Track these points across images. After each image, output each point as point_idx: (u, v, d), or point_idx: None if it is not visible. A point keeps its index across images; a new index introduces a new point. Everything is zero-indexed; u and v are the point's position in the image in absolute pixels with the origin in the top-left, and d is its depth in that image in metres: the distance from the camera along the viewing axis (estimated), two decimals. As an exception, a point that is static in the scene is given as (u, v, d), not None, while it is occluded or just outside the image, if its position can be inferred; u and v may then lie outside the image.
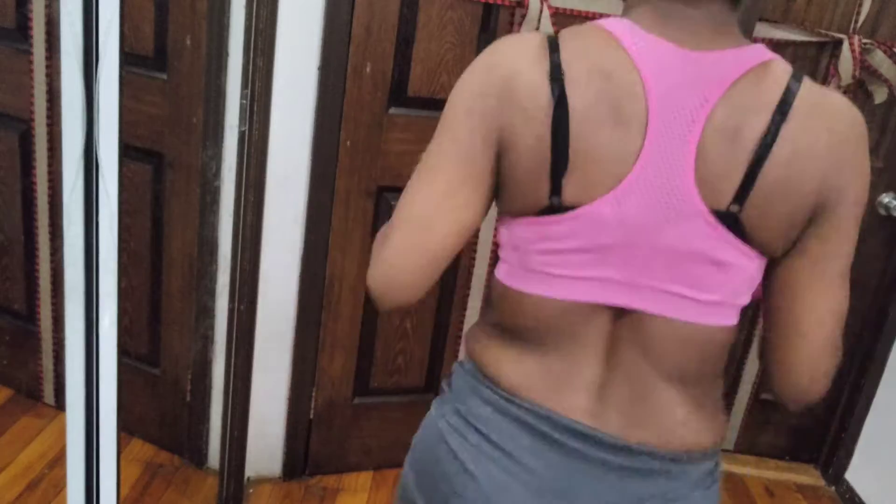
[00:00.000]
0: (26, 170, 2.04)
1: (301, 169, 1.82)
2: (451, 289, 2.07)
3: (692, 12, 0.76)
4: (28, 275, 2.14)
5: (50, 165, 2.01)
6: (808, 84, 0.75)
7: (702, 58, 0.75)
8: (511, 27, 1.81)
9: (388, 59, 1.79)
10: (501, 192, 0.82)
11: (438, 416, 0.91)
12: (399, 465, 2.44)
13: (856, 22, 1.97)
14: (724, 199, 0.74)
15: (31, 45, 1.91)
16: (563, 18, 1.81)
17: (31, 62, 1.93)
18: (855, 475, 2.39)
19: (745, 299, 0.82)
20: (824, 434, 2.47)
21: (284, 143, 1.77)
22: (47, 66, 1.92)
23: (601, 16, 1.84)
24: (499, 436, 0.84)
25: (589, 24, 0.79)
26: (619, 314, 0.81)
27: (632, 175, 0.74)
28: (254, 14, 1.59)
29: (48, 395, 2.23)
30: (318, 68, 1.74)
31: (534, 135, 0.76)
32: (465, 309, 2.09)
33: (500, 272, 0.87)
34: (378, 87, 1.80)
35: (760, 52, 0.76)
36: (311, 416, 2.08)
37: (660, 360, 0.81)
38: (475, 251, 2.03)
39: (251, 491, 2.04)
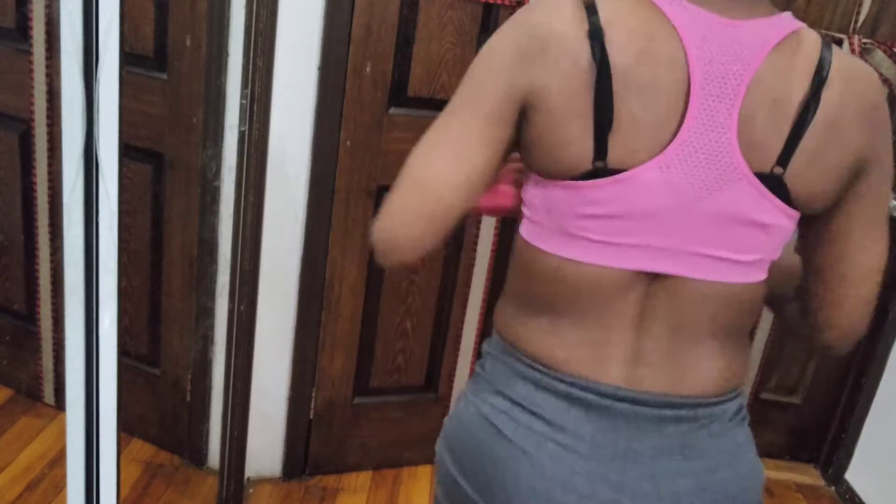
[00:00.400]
0: (26, 170, 2.04)
1: (301, 169, 1.82)
2: (451, 288, 2.07)
3: None
4: (28, 275, 2.14)
5: (50, 165, 2.01)
6: (837, 51, 0.78)
7: (739, 25, 0.76)
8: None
9: (388, 59, 1.79)
10: (533, 152, 0.80)
11: (479, 401, 0.89)
12: (399, 464, 2.44)
13: (856, 22, 1.97)
14: (769, 162, 0.76)
15: (31, 45, 1.91)
16: (563, 18, 1.81)
17: (31, 62, 1.93)
18: (855, 475, 2.39)
19: (778, 254, 0.85)
20: (824, 434, 2.47)
21: (284, 143, 1.77)
22: (47, 66, 1.92)
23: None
24: (546, 411, 0.84)
25: None
26: (656, 279, 0.81)
27: (677, 140, 0.75)
28: (254, 14, 1.59)
29: (48, 395, 2.23)
30: (318, 68, 1.74)
31: (570, 94, 0.75)
32: (465, 308, 2.09)
33: (530, 234, 0.85)
34: (378, 87, 1.80)
35: (791, 21, 0.78)
36: (311, 416, 2.08)
37: (697, 321, 0.83)
38: (475, 250, 2.03)
39: (251, 491, 2.04)
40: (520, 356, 0.87)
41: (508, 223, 1.99)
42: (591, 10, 0.76)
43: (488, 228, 2.01)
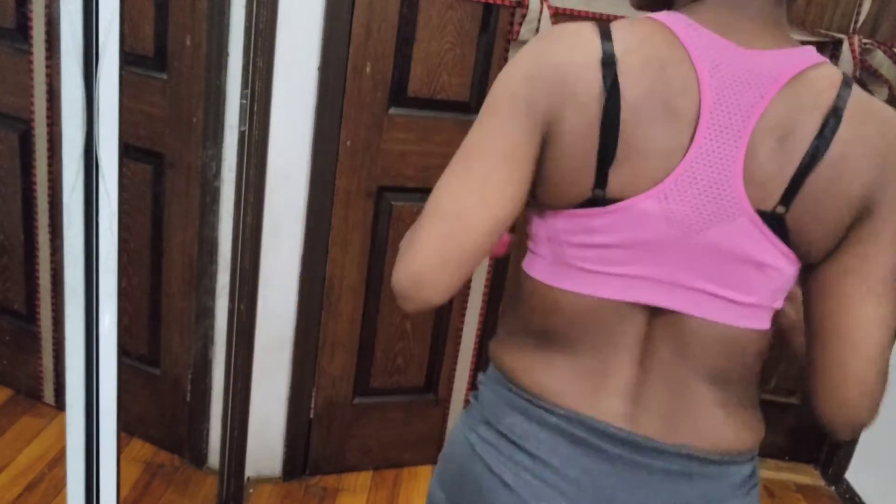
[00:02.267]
0: (26, 170, 2.04)
1: (301, 169, 1.82)
2: (451, 289, 2.06)
3: (745, 8, 0.75)
4: (28, 275, 2.14)
5: (50, 165, 2.01)
6: (857, 90, 0.75)
7: (756, 56, 0.74)
8: (511, 27, 1.81)
9: (388, 59, 1.79)
10: (542, 183, 0.78)
11: (468, 430, 0.88)
12: (399, 465, 2.44)
13: (856, 22, 1.97)
14: (771, 200, 0.73)
15: (31, 45, 1.91)
16: (564, 18, 1.81)
17: (31, 62, 1.93)
18: (855, 475, 2.39)
19: (780, 303, 0.81)
20: (824, 434, 2.47)
21: (284, 143, 1.77)
22: (47, 66, 1.92)
23: (601, 16, 1.84)
24: (534, 445, 0.82)
25: (642, 16, 0.78)
26: (655, 314, 0.79)
27: (679, 170, 0.73)
28: (254, 14, 1.59)
29: (48, 395, 2.23)
30: (318, 68, 1.74)
31: (583, 123, 0.73)
32: (464, 309, 2.09)
33: (531, 267, 0.84)
34: (378, 87, 1.80)
35: (812, 54, 0.75)
36: (311, 416, 2.08)
37: (696, 362, 0.80)
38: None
39: (251, 491, 2.04)
40: (512, 387, 0.85)
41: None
42: (605, 36, 0.74)
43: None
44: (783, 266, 0.77)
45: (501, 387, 0.86)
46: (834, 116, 0.72)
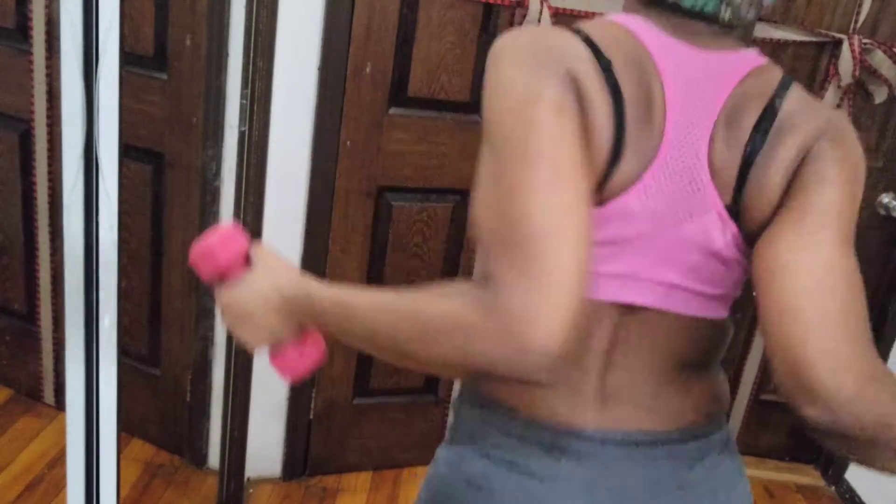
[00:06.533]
0: (26, 170, 2.04)
1: (301, 169, 1.82)
2: (451, 289, 2.06)
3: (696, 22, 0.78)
4: (28, 275, 2.14)
5: (50, 165, 2.01)
6: (797, 86, 0.79)
7: (711, 56, 0.77)
8: (511, 27, 1.81)
9: (388, 59, 1.79)
10: None
11: (461, 463, 0.84)
12: (399, 465, 2.44)
13: (856, 22, 1.97)
14: (730, 192, 0.75)
15: (31, 45, 1.91)
16: (563, 18, 1.81)
17: (31, 62, 1.93)
18: (855, 475, 2.39)
19: (739, 293, 0.83)
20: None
21: (284, 143, 1.77)
22: (47, 66, 1.92)
23: (601, 16, 1.84)
24: (535, 466, 0.80)
25: (603, 18, 0.79)
26: (627, 311, 0.79)
27: (655, 166, 0.74)
28: (254, 14, 1.59)
29: (48, 395, 2.23)
30: (318, 68, 1.74)
31: (596, 126, 0.72)
32: (465, 309, 2.09)
33: None
34: (378, 87, 1.80)
35: (758, 56, 0.80)
36: (311, 417, 2.08)
37: (669, 354, 0.81)
38: (474, 251, 2.03)
39: (251, 491, 2.04)
40: (498, 410, 0.82)
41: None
42: (586, 40, 0.73)
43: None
44: (741, 259, 0.78)
45: (486, 411, 0.84)
46: (772, 108, 0.75)
